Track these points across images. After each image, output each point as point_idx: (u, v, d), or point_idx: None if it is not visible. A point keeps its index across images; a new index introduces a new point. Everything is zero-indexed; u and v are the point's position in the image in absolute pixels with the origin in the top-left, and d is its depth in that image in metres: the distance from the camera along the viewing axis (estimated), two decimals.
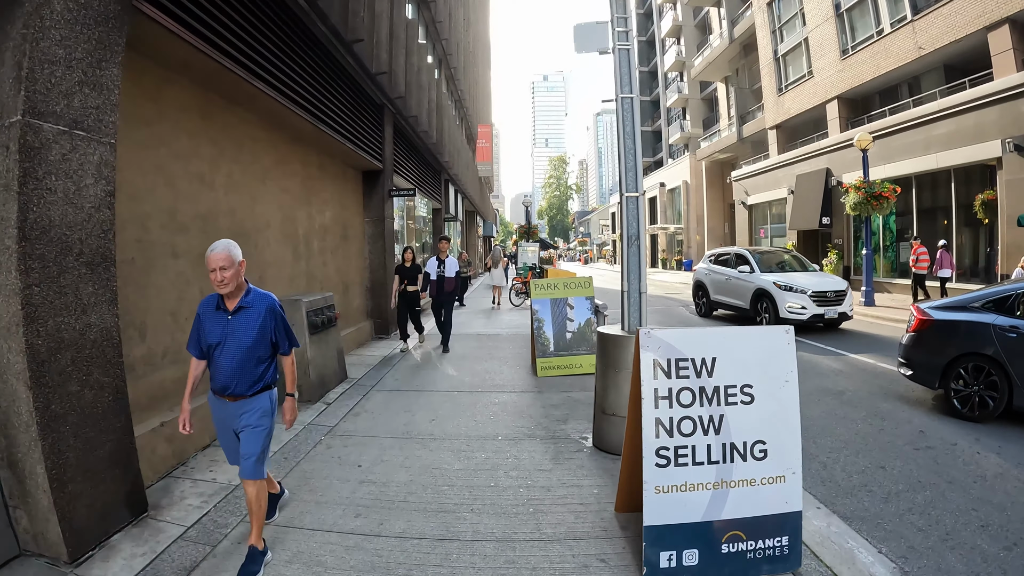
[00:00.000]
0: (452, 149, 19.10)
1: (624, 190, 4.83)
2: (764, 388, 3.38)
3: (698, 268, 15.31)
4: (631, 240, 4.75)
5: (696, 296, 15.35)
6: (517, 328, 12.43)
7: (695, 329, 3.37)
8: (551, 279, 8.03)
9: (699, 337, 3.30)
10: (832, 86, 24.57)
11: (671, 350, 3.21)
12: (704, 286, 14.70)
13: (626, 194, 4.81)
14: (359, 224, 10.95)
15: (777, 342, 3.48)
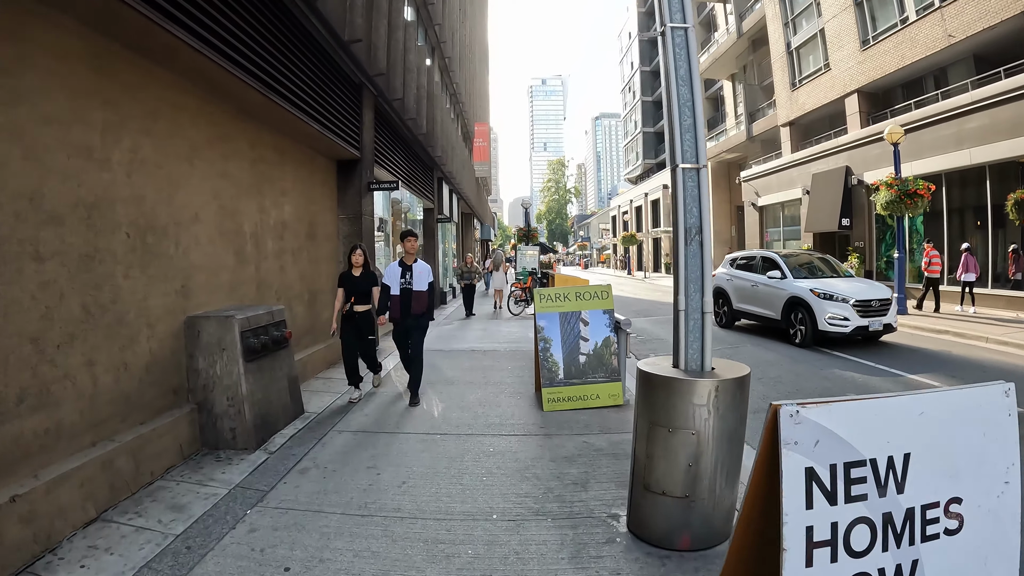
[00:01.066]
0: (446, 144, 17.51)
1: (678, 159, 3.25)
2: (977, 499, 1.80)
3: (717, 274, 13.75)
4: (690, 235, 3.18)
5: (716, 304, 13.72)
6: (517, 342, 10.83)
7: (872, 400, 1.76)
8: (559, 288, 6.38)
9: (882, 414, 1.69)
10: (851, 79, 23.09)
11: (838, 446, 1.64)
12: (725, 293, 13.18)
13: (682, 165, 3.23)
14: (331, 222, 9.34)
15: (992, 409, 1.88)
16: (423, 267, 6.82)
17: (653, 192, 47.00)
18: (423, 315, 6.79)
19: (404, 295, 6.67)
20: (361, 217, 9.41)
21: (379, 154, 10.68)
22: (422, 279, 6.74)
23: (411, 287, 6.67)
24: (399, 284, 6.70)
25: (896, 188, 15.66)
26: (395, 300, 6.68)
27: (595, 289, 6.37)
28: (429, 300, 6.81)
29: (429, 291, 6.79)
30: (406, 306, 6.67)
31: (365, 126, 9.60)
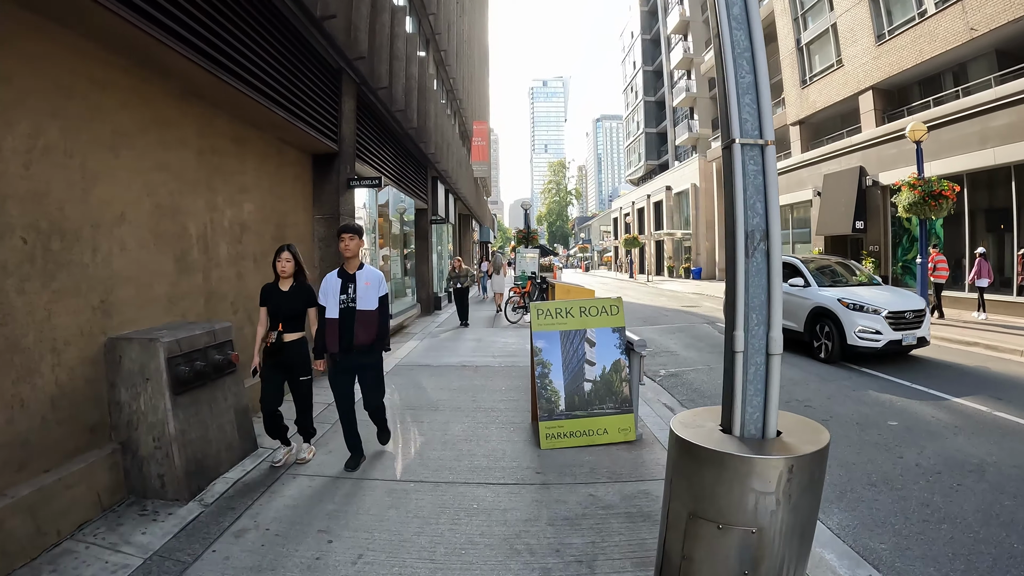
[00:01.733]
0: (440, 141, 16.54)
1: (734, 131, 2.28)
2: None
3: None
4: (752, 241, 2.21)
5: None
6: (514, 355, 9.84)
7: None
8: (560, 302, 5.37)
9: None
10: (866, 75, 22.16)
11: None
12: None
13: (740, 140, 2.26)
14: (306, 222, 8.36)
15: None
16: (372, 275, 4.84)
17: (656, 194, 46.04)
18: (373, 345, 4.79)
19: (345, 317, 4.68)
20: (339, 217, 8.43)
21: (362, 148, 9.71)
22: (370, 293, 4.75)
23: (354, 305, 4.70)
24: (338, 302, 4.71)
25: (920, 189, 14.72)
26: (332, 325, 4.68)
27: (603, 303, 5.37)
28: (381, 323, 4.82)
29: (381, 310, 4.83)
30: (348, 333, 4.66)
31: (345, 116, 8.63)
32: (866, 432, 6.24)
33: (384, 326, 4.90)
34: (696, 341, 12.19)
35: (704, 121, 43.97)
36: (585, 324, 5.26)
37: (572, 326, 5.24)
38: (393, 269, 13.13)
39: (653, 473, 4.65)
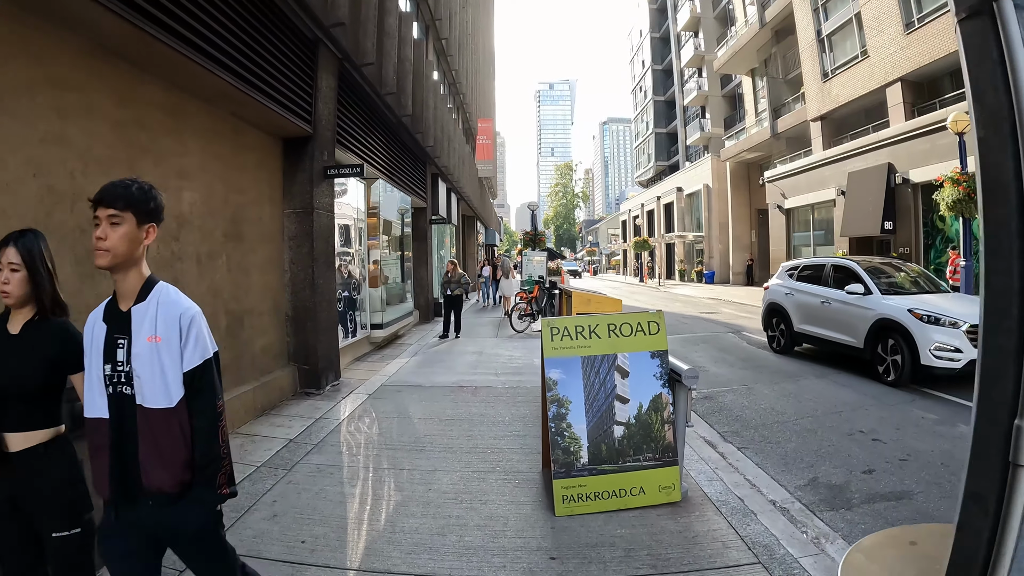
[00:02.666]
0: (441, 136, 15.27)
1: None
2: None
3: (772, 286, 11.31)
4: None
5: (770, 324, 11.25)
6: (519, 373, 8.51)
7: None
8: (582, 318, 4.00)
9: None
10: (894, 66, 20.73)
11: None
12: (782, 311, 10.68)
13: None
14: (272, 217, 7.06)
15: None
16: (168, 314, 2.09)
17: (666, 195, 44.64)
18: (186, 491, 2.05)
19: (119, 417, 2.02)
20: (312, 213, 7.14)
21: (345, 134, 8.44)
22: (163, 364, 2.03)
23: (131, 392, 2.01)
24: (102, 380, 2.04)
25: (965, 185, 13.41)
26: (94, 435, 2.05)
27: (638, 319, 4.02)
28: (201, 434, 2.08)
29: (197, 405, 2.09)
30: (126, 458, 2.02)
31: (322, 94, 7.35)
32: (957, 474, 4.88)
33: (207, 441, 2.08)
34: (724, 354, 10.83)
35: (716, 120, 42.57)
36: (616, 347, 3.94)
37: (599, 350, 3.91)
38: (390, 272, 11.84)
39: (712, 557, 3.33)
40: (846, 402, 7.47)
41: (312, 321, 7.20)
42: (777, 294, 10.96)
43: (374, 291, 10.27)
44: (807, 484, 4.91)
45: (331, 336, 7.64)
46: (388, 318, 10.80)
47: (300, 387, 7.35)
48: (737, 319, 16.58)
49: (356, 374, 8.54)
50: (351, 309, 9.32)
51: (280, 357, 7.12)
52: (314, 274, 7.13)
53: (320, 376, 7.32)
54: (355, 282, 9.51)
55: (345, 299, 9.11)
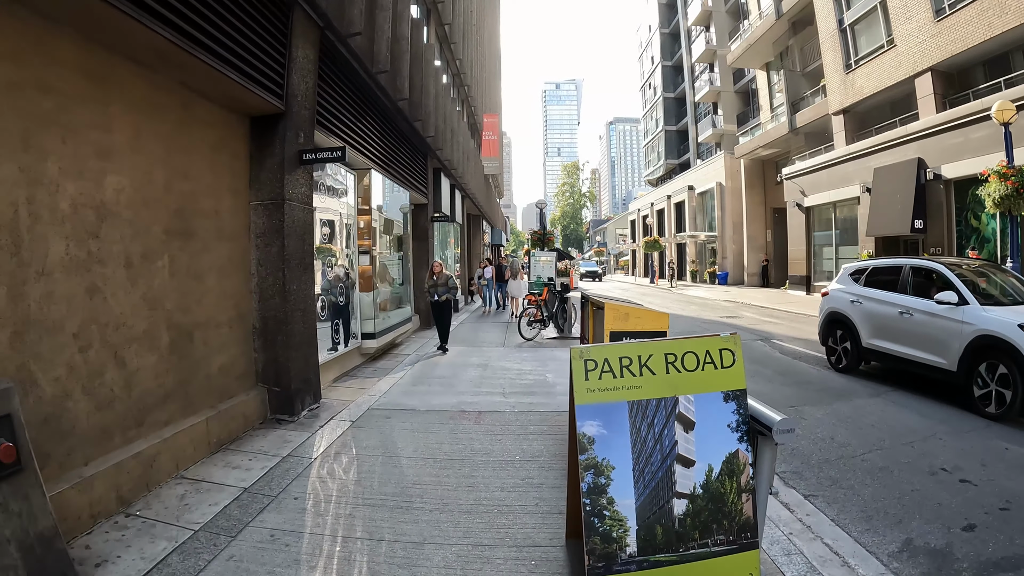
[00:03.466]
0: (443, 127, 14.12)
1: None
2: None
3: (833, 292, 9.66)
4: None
5: (830, 336, 9.56)
6: (531, 391, 7.35)
7: None
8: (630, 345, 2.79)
9: None
10: (923, 56, 19.51)
11: None
12: (847, 322, 9.01)
13: None
14: (235, 210, 5.90)
15: None
16: None
17: (677, 194, 43.35)
18: None
19: None
20: (283, 205, 5.98)
21: (329, 115, 7.31)
22: None
23: None
24: None
25: (1014, 179, 12.22)
26: None
27: (706, 346, 2.78)
28: None
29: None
30: None
31: (297, 65, 6.21)
32: None
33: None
34: (759, 366, 9.63)
35: (729, 116, 41.30)
36: (676, 387, 2.75)
37: (653, 392, 2.72)
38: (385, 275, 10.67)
39: None
40: (913, 429, 6.29)
41: (284, 334, 6.04)
42: (840, 302, 9.28)
43: (366, 296, 9.10)
44: (901, 550, 3.81)
45: (308, 351, 6.49)
46: (382, 326, 9.64)
47: (270, 412, 6.20)
48: (762, 324, 15.37)
49: (341, 394, 7.39)
50: (337, 317, 8.15)
51: (245, 378, 5.97)
52: (285, 278, 5.96)
53: (294, 399, 6.17)
54: (343, 286, 8.34)
55: (331, 306, 7.95)
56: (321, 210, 7.61)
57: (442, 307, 10.61)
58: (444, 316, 10.73)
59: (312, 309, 6.59)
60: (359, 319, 8.97)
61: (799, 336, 13.13)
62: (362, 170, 9.10)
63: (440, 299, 10.53)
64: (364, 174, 9.13)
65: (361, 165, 8.96)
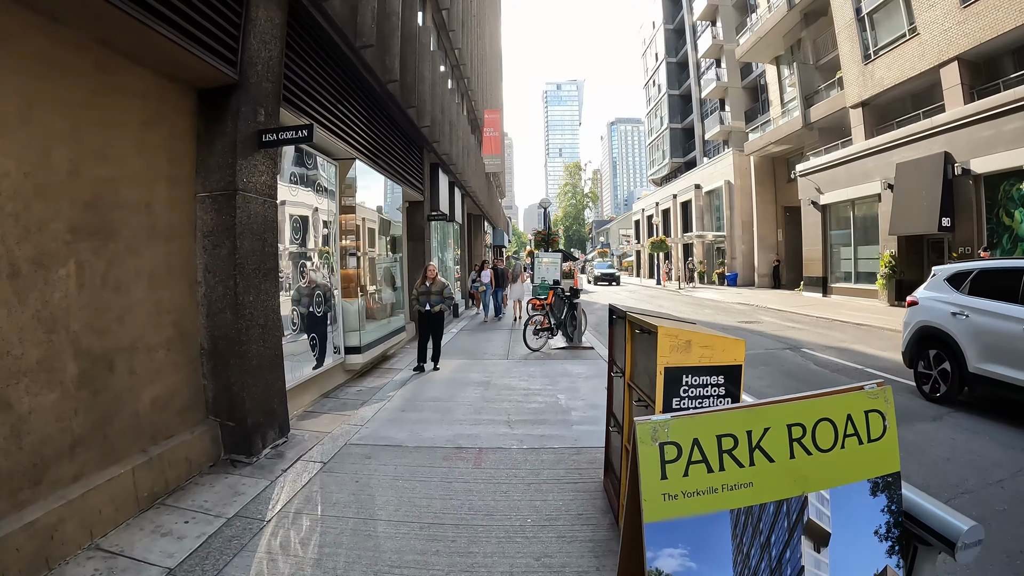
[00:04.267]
0: (441, 118, 13.02)
1: None
2: None
3: (924, 300, 7.72)
4: None
5: (921, 357, 7.64)
6: (541, 421, 6.20)
7: None
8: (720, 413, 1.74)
9: None
10: (949, 44, 18.36)
11: None
12: (948, 340, 7.13)
13: None
14: (175, 203, 4.76)
15: None
16: None
17: (683, 193, 42.15)
18: None
19: None
20: (235, 196, 4.84)
21: (298, 91, 6.20)
22: None
23: None
24: None
25: None
26: None
27: (847, 406, 1.71)
28: None
29: None
30: None
31: (257, 28, 5.10)
32: None
33: None
34: (793, 381, 8.50)
35: (736, 113, 40.12)
36: (804, 479, 1.62)
37: (769, 490, 1.61)
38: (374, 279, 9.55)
39: None
40: (997, 463, 5.19)
41: (238, 357, 4.92)
42: (936, 314, 7.38)
43: (350, 304, 7.96)
44: None
45: (270, 376, 5.36)
46: (369, 338, 8.50)
47: (224, 452, 5.08)
48: (785, 330, 14.22)
49: (316, 423, 6.27)
50: (314, 330, 7.01)
51: (190, 411, 4.85)
52: (237, 287, 4.84)
53: (253, 435, 5.05)
54: (321, 294, 7.22)
55: (306, 317, 6.82)
56: (293, 204, 6.49)
57: (433, 320, 8.94)
58: (436, 330, 9.09)
59: (275, 324, 5.46)
60: (342, 331, 7.84)
61: (830, 344, 12.00)
62: (345, 160, 7.97)
63: (433, 310, 8.83)
64: (348, 165, 8.00)
65: (344, 154, 7.84)
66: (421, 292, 8.93)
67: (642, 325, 3.08)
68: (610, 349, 4.12)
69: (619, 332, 3.77)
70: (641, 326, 3.13)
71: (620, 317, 3.68)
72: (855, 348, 11.55)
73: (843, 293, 23.09)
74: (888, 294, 19.67)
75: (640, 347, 3.26)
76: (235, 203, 4.82)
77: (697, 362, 2.77)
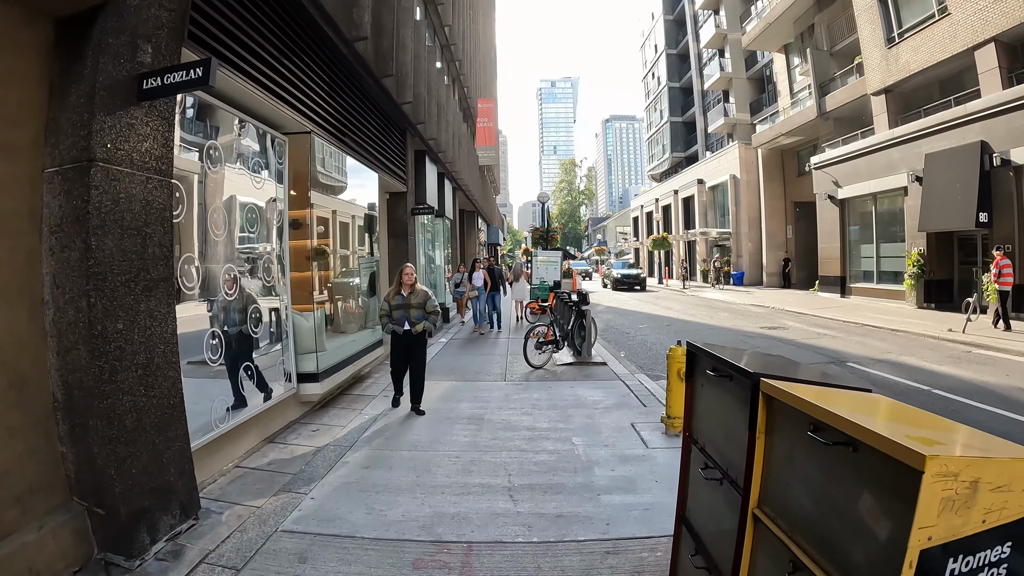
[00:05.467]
0: (426, 96, 11.31)
1: None
2: None
3: None
4: None
5: None
6: (554, 489, 4.41)
7: None
8: None
9: None
10: (985, 24, 16.79)
11: None
12: None
13: None
14: (7, 179, 3.10)
15: None
16: None
17: (685, 189, 40.52)
18: None
19: None
20: (90, 170, 3.14)
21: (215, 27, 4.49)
22: None
23: None
24: None
25: None
26: None
27: None
28: None
29: None
30: None
31: None
32: None
33: None
34: None
35: (741, 104, 38.48)
36: None
37: None
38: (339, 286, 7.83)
39: None
40: None
41: (101, 416, 3.21)
42: None
43: (303, 319, 6.25)
44: None
45: (160, 438, 3.64)
46: (332, 360, 6.74)
47: (98, 549, 3.39)
48: (818, 338, 12.57)
49: (244, 489, 4.57)
50: (241, 356, 5.22)
51: (37, 495, 3.16)
52: (92, 311, 3.11)
53: (134, 526, 3.36)
54: (259, 307, 5.48)
55: (235, 339, 5.09)
56: (218, 187, 4.78)
57: (414, 344, 6.50)
58: (418, 359, 6.61)
59: (166, 362, 3.74)
60: (292, 353, 6.09)
61: (875, 356, 10.38)
62: (299, 135, 6.24)
63: (416, 329, 6.43)
64: (302, 141, 6.27)
65: (297, 127, 6.12)
66: (397, 305, 6.50)
67: (844, 427, 1.38)
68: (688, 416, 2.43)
69: (727, 406, 2.07)
70: (841, 429, 1.43)
71: (726, 374, 1.99)
72: (907, 362, 9.95)
73: (863, 294, 21.50)
74: (916, 295, 18.08)
75: (821, 466, 1.57)
76: (89, 180, 3.11)
77: (980, 525, 1.10)
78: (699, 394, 2.33)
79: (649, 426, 5.88)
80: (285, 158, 6.16)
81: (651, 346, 12.10)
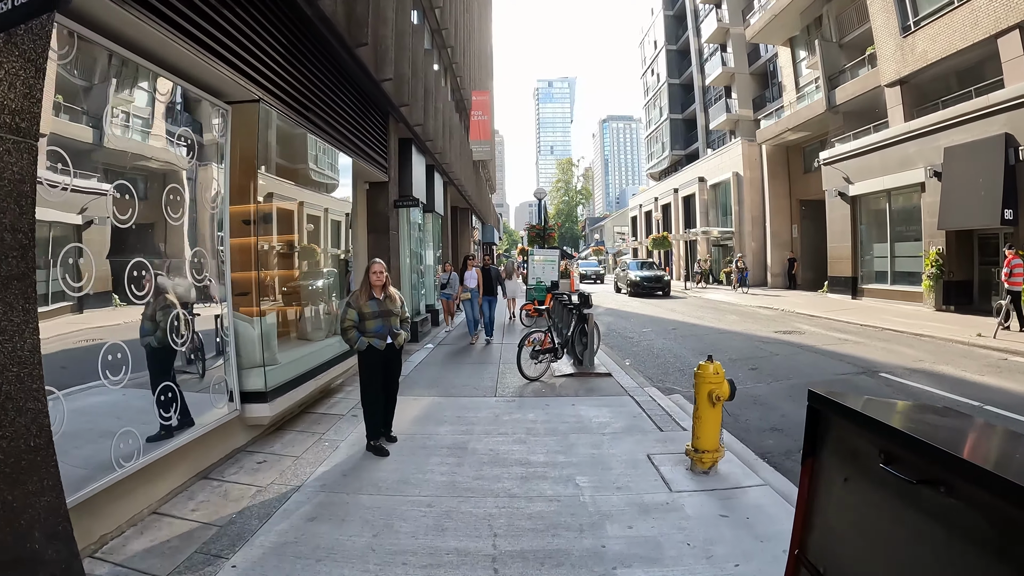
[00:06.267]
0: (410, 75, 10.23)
1: None
2: None
3: None
4: None
5: None
6: (554, 555, 3.37)
7: None
8: None
9: None
10: (1009, 10, 15.80)
11: None
12: None
13: None
14: None
15: None
16: None
17: (685, 187, 39.49)
18: None
19: None
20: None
21: None
22: None
23: None
24: None
25: None
26: None
27: None
28: None
29: None
30: None
31: None
32: None
33: None
34: None
35: (744, 100, 37.49)
36: None
37: None
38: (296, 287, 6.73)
39: None
40: None
41: None
42: None
43: (247, 326, 5.14)
44: None
45: (15, 493, 2.57)
46: (284, 376, 5.61)
47: None
48: (839, 344, 11.53)
49: (153, 547, 3.50)
50: (160, 374, 4.11)
51: None
52: None
53: None
54: (178, 315, 4.38)
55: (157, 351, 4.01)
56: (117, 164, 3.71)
57: (391, 361, 5.30)
58: (393, 379, 5.43)
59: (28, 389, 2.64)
60: (234, 367, 4.98)
61: (908, 365, 9.35)
62: (245, 104, 5.13)
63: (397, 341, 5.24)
64: (249, 111, 5.17)
65: (242, 95, 5.03)
66: (373, 313, 5.13)
67: None
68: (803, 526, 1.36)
69: (921, 536, 1.00)
70: None
71: (935, 479, 0.89)
72: (945, 372, 8.92)
73: (877, 295, 20.48)
74: (935, 297, 17.08)
75: None
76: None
77: None
78: (837, 494, 1.24)
79: (670, 459, 4.77)
80: (227, 132, 5.05)
81: (659, 353, 11.03)
